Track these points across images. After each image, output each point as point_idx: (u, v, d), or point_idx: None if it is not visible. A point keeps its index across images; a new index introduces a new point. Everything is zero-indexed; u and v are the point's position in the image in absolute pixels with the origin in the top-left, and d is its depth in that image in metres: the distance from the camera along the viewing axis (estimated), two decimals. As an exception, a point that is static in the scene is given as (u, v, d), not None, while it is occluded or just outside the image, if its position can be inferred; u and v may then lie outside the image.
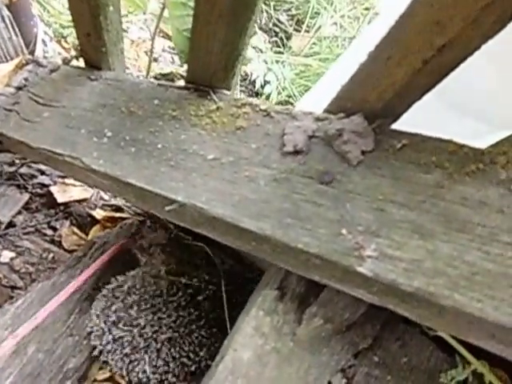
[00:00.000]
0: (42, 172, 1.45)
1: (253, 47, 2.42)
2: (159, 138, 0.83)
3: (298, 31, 2.81)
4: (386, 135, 0.69)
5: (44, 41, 1.46)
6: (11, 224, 1.32)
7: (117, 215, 1.46)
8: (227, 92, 0.88)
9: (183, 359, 1.05)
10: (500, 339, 0.55)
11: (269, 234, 0.66)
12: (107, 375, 1.08)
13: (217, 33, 0.75)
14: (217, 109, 0.84)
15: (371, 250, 0.60)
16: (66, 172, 1.01)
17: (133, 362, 1.03)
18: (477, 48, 0.55)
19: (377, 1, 2.75)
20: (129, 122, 0.88)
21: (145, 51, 2.14)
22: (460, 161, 0.63)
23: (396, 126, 0.70)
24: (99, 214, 1.44)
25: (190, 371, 1.06)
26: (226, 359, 0.76)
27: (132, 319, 1.07)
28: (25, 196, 1.37)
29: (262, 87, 2.37)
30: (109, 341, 1.05)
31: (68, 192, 1.43)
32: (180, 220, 0.81)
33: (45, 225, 1.36)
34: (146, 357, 1.03)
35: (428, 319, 0.62)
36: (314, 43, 2.73)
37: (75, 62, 1.10)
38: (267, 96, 2.36)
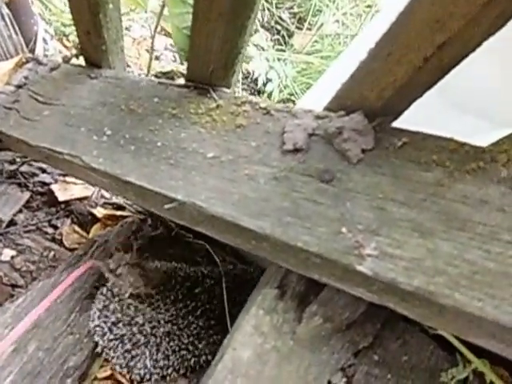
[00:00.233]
0: (43, 170, 1.45)
1: (254, 45, 2.42)
2: (159, 137, 0.83)
3: (300, 29, 2.81)
4: (387, 133, 0.69)
5: (45, 39, 1.46)
6: (12, 222, 1.32)
7: (118, 213, 1.46)
8: (227, 90, 0.88)
9: (183, 352, 1.06)
10: (500, 338, 0.55)
11: (268, 233, 0.66)
12: (108, 373, 1.08)
13: (216, 31, 0.75)
14: (217, 107, 0.84)
15: (371, 249, 0.60)
16: (66, 170, 1.01)
17: (134, 358, 1.04)
18: (478, 45, 0.54)
19: (378, -2, 2.76)
20: (128, 121, 0.88)
21: (146, 49, 2.14)
22: (461, 159, 0.63)
23: (397, 124, 0.70)
24: (100, 213, 1.44)
25: (190, 366, 1.07)
26: (226, 358, 0.76)
27: (130, 316, 1.08)
28: (26, 194, 1.37)
29: (264, 85, 2.38)
30: (110, 339, 1.05)
31: (69, 190, 1.43)
32: (179, 218, 0.81)
33: (46, 223, 1.36)
34: (147, 351, 1.04)
35: (428, 318, 0.62)
36: (316, 41, 2.73)
37: (75, 61, 1.09)
38: (269, 94, 2.36)
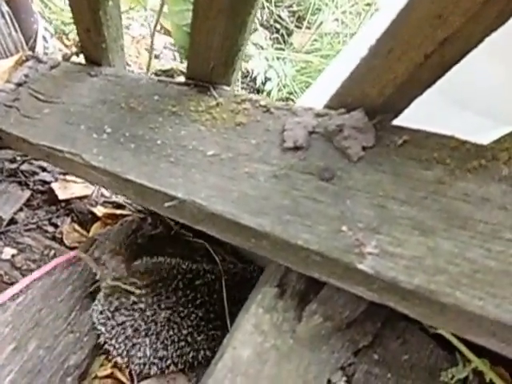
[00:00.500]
0: (44, 169, 1.45)
1: (254, 44, 2.42)
2: (159, 134, 0.83)
3: (299, 28, 2.80)
4: (387, 131, 0.69)
5: (45, 37, 1.46)
6: (13, 221, 1.32)
7: (118, 212, 1.46)
8: (227, 88, 0.88)
9: (181, 343, 1.06)
10: (501, 337, 0.55)
11: (268, 231, 0.66)
12: (108, 372, 1.08)
13: (216, 28, 0.75)
14: (217, 105, 0.84)
15: (372, 247, 0.60)
16: (66, 168, 1.01)
17: (135, 346, 1.05)
18: (479, 42, 0.54)
19: (378, -4, 2.75)
20: (128, 118, 0.87)
21: (145, 48, 2.14)
22: (462, 157, 0.63)
23: (398, 122, 0.70)
24: (100, 211, 1.44)
25: (188, 361, 1.07)
26: (226, 357, 0.76)
27: (133, 303, 1.09)
28: (26, 193, 1.37)
29: (263, 84, 2.37)
30: (113, 325, 1.07)
31: (69, 189, 1.43)
32: (179, 216, 0.80)
33: (46, 222, 1.36)
34: (147, 339, 1.05)
35: (429, 317, 0.61)
36: (316, 40, 2.73)
37: (75, 59, 1.09)
38: (268, 93, 2.35)
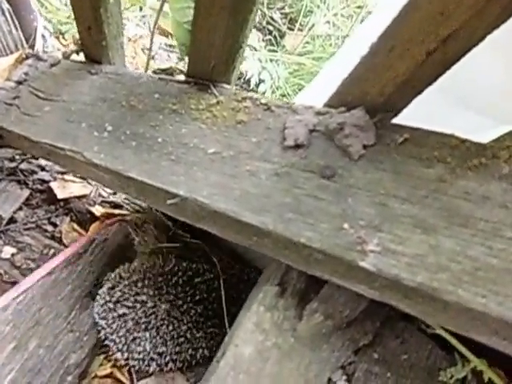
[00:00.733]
0: (43, 168, 1.44)
1: (247, 45, 2.42)
2: (160, 132, 0.83)
3: (292, 30, 2.81)
4: (388, 129, 0.69)
5: (44, 35, 1.45)
6: (12, 220, 1.32)
7: (116, 212, 1.46)
8: (228, 86, 0.88)
9: (181, 339, 1.06)
10: (503, 335, 0.55)
11: (270, 229, 0.66)
12: (108, 371, 1.08)
13: (218, 25, 0.75)
14: (217, 103, 0.84)
15: (374, 245, 0.60)
16: (67, 166, 1.01)
17: (134, 340, 1.05)
18: (481, 39, 0.54)
19: (369, -1, 2.76)
20: (129, 116, 0.87)
21: (142, 48, 2.13)
22: (462, 155, 0.63)
23: (398, 121, 0.70)
24: (98, 211, 1.44)
25: (187, 359, 1.07)
26: (228, 355, 0.76)
27: (135, 294, 1.10)
28: (25, 192, 1.37)
29: (257, 86, 2.38)
30: (114, 318, 1.07)
31: (68, 188, 1.43)
32: (181, 215, 0.80)
33: (45, 221, 1.36)
34: (147, 334, 1.05)
35: (431, 315, 0.61)
36: (308, 42, 2.74)
37: (75, 56, 1.09)
38: (262, 95, 2.36)
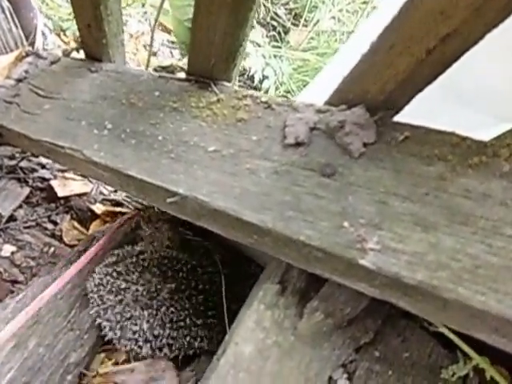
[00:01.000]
0: (43, 166, 1.45)
1: (251, 42, 2.41)
2: (160, 130, 0.83)
3: (296, 25, 2.80)
4: (388, 127, 0.69)
5: (44, 33, 1.45)
6: (12, 218, 1.32)
7: (117, 210, 1.46)
8: (228, 84, 0.88)
9: (180, 323, 1.06)
10: (503, 333, 0.55)
11: (270, 227, 0.66)
12: (109, 369, 1.08)
13: (218, 23, 0.75)
14: (217, 101, 0.84)
15: (373, 243, 0.60)
16: (67, 164, 1.01)
17: (131, 318, 1.04)
18: (481, 37, 0.54)
19: (375, -6, 2.75)
20: (129, 114, 0.87)
21: (143, 45, 2.13)
22: (463, 153, 0.63)
23: (399, 118, 0.70)
24: (99, 209, 1.44)
25: (184, 346, 1.06)
26: (228, 353, 0.76)
27: (140, 271, 1.10)
28: (25, 190, 1.37)
29: (261, 82, 2.37)
30: (111, 292, 1.07)
31: (68, 186, 1.43)
32: (181, 213, 0.80)
33: (45, 219, 1.36)
34: (146, 312, 1.04)
35: (431, 313, 0.61)
36: (312, 37, 2.72)
37: (76, 54, 1.09)
38: (265, 91, 2.35)
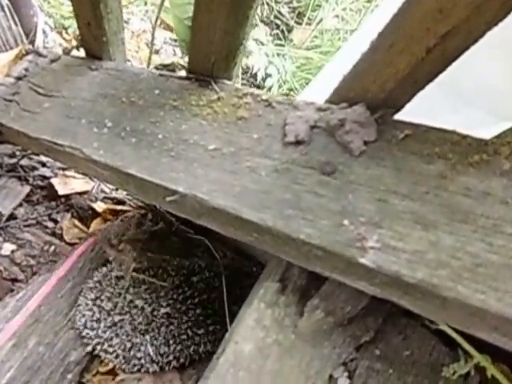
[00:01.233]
0: (43, 164, 1.44)
1: (254, 40, 2.41)
2: (160, 128, 0.82)
3: (300, 24, 2.80)
4: (389, 125, 0.69)
5: (44, 31, 1.45)
6: (12, 216, 1.32)
7: (118, 208, 1.46)
8: (228, 82, 0.87)
9: (182, 336, 1.05)
10: (503, 331, 0.54)
11: (270, 225, 0.66)
12: (110, 367, 1.08)
13: (218, 21, 0.75)
14: (218, 99, 0.84)
15: (373, 241, 0.60)
16: (67, 163, 1.01)
17: (134, 346, 1.03)
18: (481, 36, 0.54)
19: (378, -7, 2.74)
20: (129, 113, 0.87)
21: (146, 43, 2.13)
22: (463, 151, 0.63)
23: (399, 117, 0.70)
24: (100, 207, 1.44)
25: (190, 354, 1.06)
26: (228, 352, 0.76)
27: (129, 300, 1.08)
28: (26, 188, 1.37)
29: (264, 80, 2.37)
30: (105, 328, 1.05)
31: (69, 184, 1.43)
32: (181, 211, 0.80)
33: (46, 217, 1.36)
34: (148, 337, 1.03)
35: (431, 311, 0.61)
36: (316, 36, 2.72)
37: (76, 52, 1.09)
38: (268, 89, 2.35)
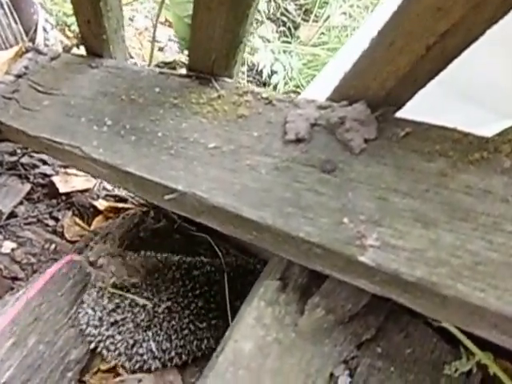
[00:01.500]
0: (44, 162, 1.44)
1: (260, 37, 2.41)
2: (160, 127, 0.82)
3: (306, 21, 2.80)
4: (390, 123, 0.69)
5: (45, 28, 1.44)
6: (13, 214, 1.32)
7: (119, 206, 1.46)
8: (229, 80, 0.87)
9: (185, 331, 1.05)
10: (502, 329, 0.54)
11: (270, 223, 0.66)
12: (111, 365, 1.07)
13: (217, 20, 0.75)
14: (218, 97, 0.83)
15: (373, 240, 0.60)
16: (66, 161, 1.01)
17: (136, 343, 1.03)
18: (481, 34, 0.54)
19: (385, -10, 2.73)
20: (129, 111, 0.87)
21: (149, 40, 2.13)
22: (464, 149, 0.63)
23: (400, 114, 0.69)
24: (102, 205, 1.44)
25: (193, 350, 1.06)
26: (227, 350, 0.76)
27: (130, 299, 1.08)
28: (26, 186, 1.37)
29: (270, 77, 2.37)
30: (111, 323, 1.05)
31: (70, 182, 1.43)
32: (180, 209, 0.80)
33: (47, 215, 1.36)
34: (150, 333, 1.03)
35: (430, 309, 0.61)
36: (323, 33, 2.73)
37: (76, 50, 1.09)
38: (274, 86, 2.35)
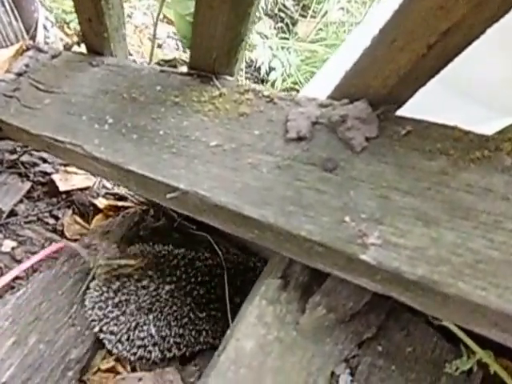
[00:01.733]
0: (44, 160, 1.44)
1: (258, 33, 2.40)
2: (161, 125, 0.82)
3: (304, 17, 2.80)
4: (391, 122, 0.69)
5: (45, 26, 1.44)
6: (12, 213, 1.31)
7: (120, 204, 1.46)
8: (230, 78, 0.87)
9: (184, 320, 1.06)
10: (503, 327, 0.55)
11: (271, 222, 0.66)
12: (111, 364, 1.08)
13: (219, 18, 0.74)
14: (220, 95, 0.83)
15: (375, 238, 0.60)
16: (67, 159, 1.00)
17: (137, 326, 1.03)
18: (481, 32, 0.54)
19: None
20: (130, 109, 0.87)
21: (148, 37, 2.13)
22: (465, 147, 0.63)
23: (401, 113, 0.69)
24: (102, 203, 1.43)
25: (191, 341, 1.06)
26: (229, 349, 0.76)
27: (136, 281, 1.09)
28: (26, 184, 1.36)
29: (268, 74, 2.36)
30: (115, 304, 1.06)
31: (70, 180, 1.42)
32: (182, 208, 0.80)
33: (47, 214, 1.35)
34: (151, 316, 1.04)
35: (431, 308, 0.61)
36: (321, 29, 2.72)
37: (77, 48, 1.09)
38: (272, 83, 2.34)
